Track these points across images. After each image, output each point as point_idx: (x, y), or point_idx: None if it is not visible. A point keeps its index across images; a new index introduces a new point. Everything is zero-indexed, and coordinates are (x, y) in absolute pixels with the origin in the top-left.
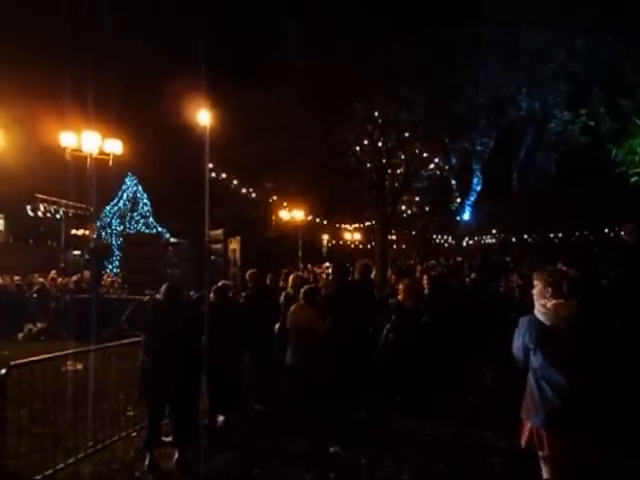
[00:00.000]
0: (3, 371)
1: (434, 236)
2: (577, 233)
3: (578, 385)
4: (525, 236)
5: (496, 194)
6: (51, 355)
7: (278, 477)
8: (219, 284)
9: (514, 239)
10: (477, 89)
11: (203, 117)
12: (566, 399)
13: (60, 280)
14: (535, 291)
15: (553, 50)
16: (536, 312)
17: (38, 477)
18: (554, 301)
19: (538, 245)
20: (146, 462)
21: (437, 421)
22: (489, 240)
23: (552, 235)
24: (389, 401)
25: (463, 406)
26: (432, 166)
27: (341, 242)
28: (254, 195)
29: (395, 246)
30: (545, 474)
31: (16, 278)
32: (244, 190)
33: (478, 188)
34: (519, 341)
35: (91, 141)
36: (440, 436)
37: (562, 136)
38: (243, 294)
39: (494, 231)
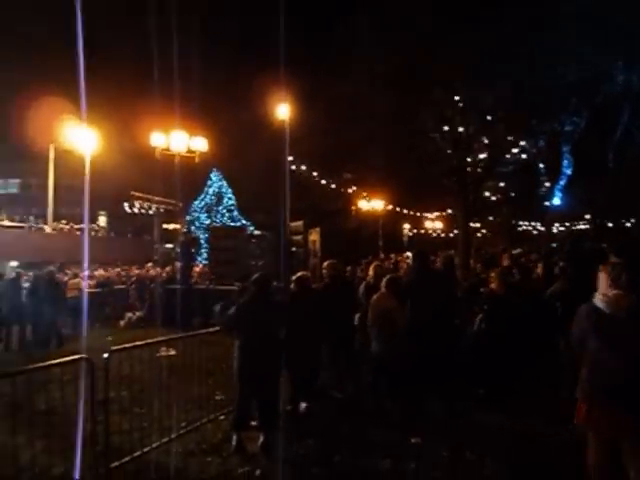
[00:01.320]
0: (106, 355)
1: (520, 223)
2: None
3: (631, 368)
4: (623, 221)
5: (589, 177)
6: (146, 342)
7: (358, 464)
8: (298, 274)
9: (610, 224)
10: (566, 65)
11: (282, 111)
12: (619, 380)
13: (154, 272)
14: (599, 282)
15: None
16: (596, 300)
17: (137, 453)
18: (615, 291)
19: (636, 230)
20: (233, 443)
21: (521, 415)
22: (582, 226)
23: None
24: (472, 393)
25: (551, 400)
26: (517, 150)
27: (422, 231)
28: (333, 186)
29: (479, 234)
30: (593, 452)
31: (117, 270)
32: (324, 181)
33: (569, 171)
34: (578, 326)
35: (179, 140)
36: (524, 431)
37: None
38: (321, 284)
39: (588, 216)
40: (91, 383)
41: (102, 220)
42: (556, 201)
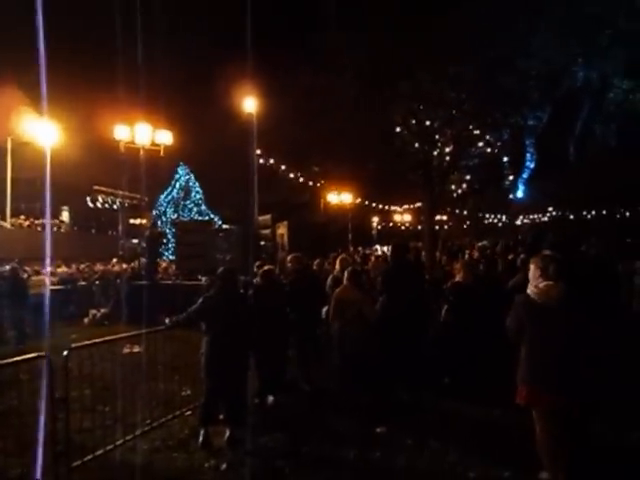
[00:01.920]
0: (66, 353)
1: (486, 216)
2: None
3: (563, 353)
4: (584, 213)
5: (551, 170)
6: (108, 338)
7: (324, 455)
8: (264, 268)
9: (572, 216)
10: (528, 61)
11: (249, 104)
12: (553, 365)
13: (119, 268)
14: (530, 273)
15: (610, 15)
16: (529, 292)
17: (100, 451)
18: (545, 282)
19: (598, 222)
20: (200, 438)
21: (485, 403)
22: (545, 218)
23: (613, 211)
24: (437, 383)
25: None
26: (482, 143)
27: (391, 224)
28: (302, 179)
29: (446, 227)
30: (538, 429)
31: (81, 266)
32: (292, 175)
33: (532, 164)
34: (513, 316)
35: (143, 133)
36: (487, 418)
37: (622, 106)
38: (288, 278)
39: (550, 209)
40: (50, 381)
41: (64, 215)
42: (520, 194)
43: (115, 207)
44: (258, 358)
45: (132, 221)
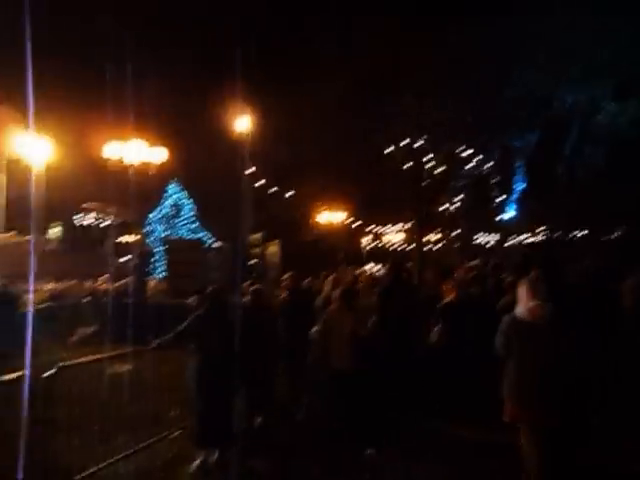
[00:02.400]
0: (53, 371)
1: (476, 236)
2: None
3: (550, 370)
4: (575, 233)
5: (541, 191)
6: (97, 357)
7: (313, 478)
8: (254, 287)
9: (561, 236)
10: (517, 86)
11: (242, 123)
12: (540, 381)
13: (108, 286)
14: (519, 294)
15: (599, 41)
16: (517, 311)
17: (85, 473)
18: (533, 302)
19: (587, 243)
20: (196, 461)
21: (474, 424)
22: (534, 239)
23: (603, 232)
24: (428, 404)
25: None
26: (472, 164)
27: (382, 244)
28: (293, 198)
29: (437, 247)
30: (524, 445)
31: (70, 283)
32: (284, 193)
33: (521, 185)
34: (501, 334)
35: (135, 150)
36: (477, 439)
37: (610, 128)
38: (280, 297)
39: (540, 229)
40: (32, 401)
41: (54, 232)
42: (509, 214)
43: (106, 224)
44: (247, 379)
45: (122, 239)
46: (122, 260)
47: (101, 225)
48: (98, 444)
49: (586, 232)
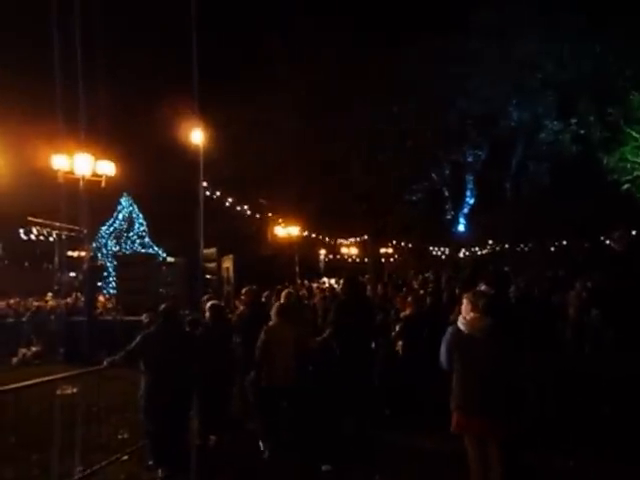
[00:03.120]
0: None
1: (430, 248)
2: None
3: (489, 381)
4: (522, 246)
5: (490, 205)
6: (39, 380)
7: None
8: (211, 303)
9: (509, 249)
10: (467, 101)
11: (196, 136)
12: (479, 392)
13: (54, 303)
14: (462, 307)
15: (541, 60)
16: (459, 324)
17: None
18: (473, 315)
19: (533, 255)
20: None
21: (435, 436)
22: (484, 251)
23: (547, 244)
24: (378, 414)
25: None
26: (424, 179)
27: (338, 257)
28: (248, 212)
29: (391, 259)
30: (469, 455)
31: (11, 301)
32: (238, 207)
33: (471, 200)
34: (444, 346)
35: (83, 163)
36: (438, 451)
37: (553, 146)
38: (236, 313)
39: (490, 242)
40: None
41: None
42: (461, 227)
43: (51, 239)
44: (201, 396)
45: (70, 254)
46: (70, 275)
47: (50, 239)
48: (40, 473)
49: (531, 245)
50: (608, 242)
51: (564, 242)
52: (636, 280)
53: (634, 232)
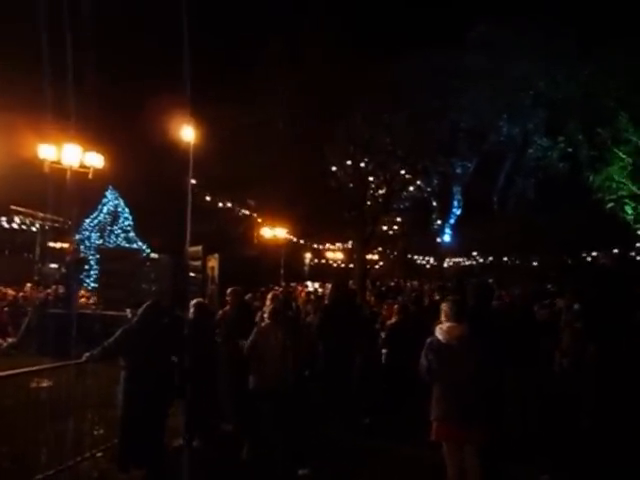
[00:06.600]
0: None
1: (415, 257)
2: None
3: (465, 389)
4: (505, 259)
5: (476, 217)
6: (14, 372)
7: None
8: (196, 301)
9: (494, 262)
10: (459, 114)
11: (187, 134)
12: (457, 399)
13: (33, 293)
14: (441, 315)
15: (533, 78)
16: (436, 332)
17: None
18: (449, 323)
19: (517, 268)
20: None
21: (408, 442)
22: (469, 262)
23: (530, 259)
24: (357, 422)
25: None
26: (413, 188)
27: (323, 261)
28: (235, 212)
29: (377, 266)
30: (447, 463)
31: None
32: (226, 206)
33: (458, 211)
34: (423, 358)
35: (71, 154)
36: (412, 457)
37: (541, 162)
38: (220, 312)
39: (475, 253)
40: None
41: None
42: (447, 238)
43: (34, 229)
44: (186, 396)
45: (52, 244)
46: (52, 267)
47: (33, 229)
48: (10, 465)
49: (514, 259)
50: (596, 258)
51: (546, 257)
52: (621, 295)
53: (615, 250)
